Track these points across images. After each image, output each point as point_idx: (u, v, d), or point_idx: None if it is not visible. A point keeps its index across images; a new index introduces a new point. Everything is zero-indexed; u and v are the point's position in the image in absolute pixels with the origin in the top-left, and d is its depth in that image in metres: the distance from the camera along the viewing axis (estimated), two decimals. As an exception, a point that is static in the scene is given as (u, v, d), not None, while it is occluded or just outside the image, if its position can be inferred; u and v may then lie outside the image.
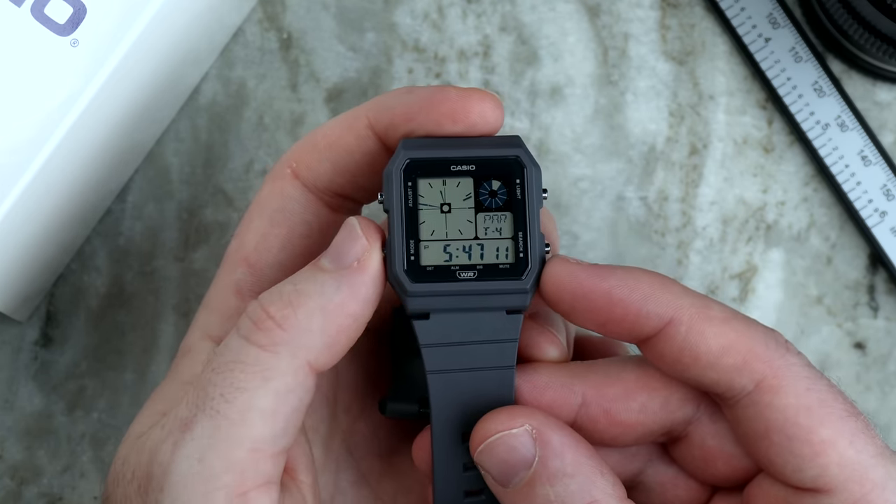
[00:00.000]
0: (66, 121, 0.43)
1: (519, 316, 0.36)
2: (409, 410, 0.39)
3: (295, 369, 0.34)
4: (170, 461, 0.33)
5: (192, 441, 0.33)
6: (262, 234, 0.38)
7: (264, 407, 0.33)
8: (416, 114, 0.36)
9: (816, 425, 0.34)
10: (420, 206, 0.35)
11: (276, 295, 0.34)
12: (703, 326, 0.34)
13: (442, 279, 0.35)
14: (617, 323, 0.35)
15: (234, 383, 0.33)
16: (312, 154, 0.37)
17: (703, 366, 0.35)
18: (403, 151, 0.35)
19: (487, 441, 0.35)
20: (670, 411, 0.36)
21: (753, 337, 0.35)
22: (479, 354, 0.35)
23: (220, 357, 0.34)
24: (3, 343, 0.49)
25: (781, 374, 0.34)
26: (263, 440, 0.33)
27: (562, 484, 0.34)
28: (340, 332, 0.34)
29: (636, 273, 0.35)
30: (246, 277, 0.38)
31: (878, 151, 0.48)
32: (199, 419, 0.33)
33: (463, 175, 0.35)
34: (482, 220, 0.35)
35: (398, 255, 0.35)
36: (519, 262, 0.35)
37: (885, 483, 0.34)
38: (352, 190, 0.38)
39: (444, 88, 0.36)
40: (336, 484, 0.40)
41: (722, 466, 0.37)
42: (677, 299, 0.35)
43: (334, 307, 0.34)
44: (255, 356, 0.34)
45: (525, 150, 0.36)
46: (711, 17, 0.50)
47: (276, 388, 0.33)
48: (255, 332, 0.34)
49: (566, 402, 0.36)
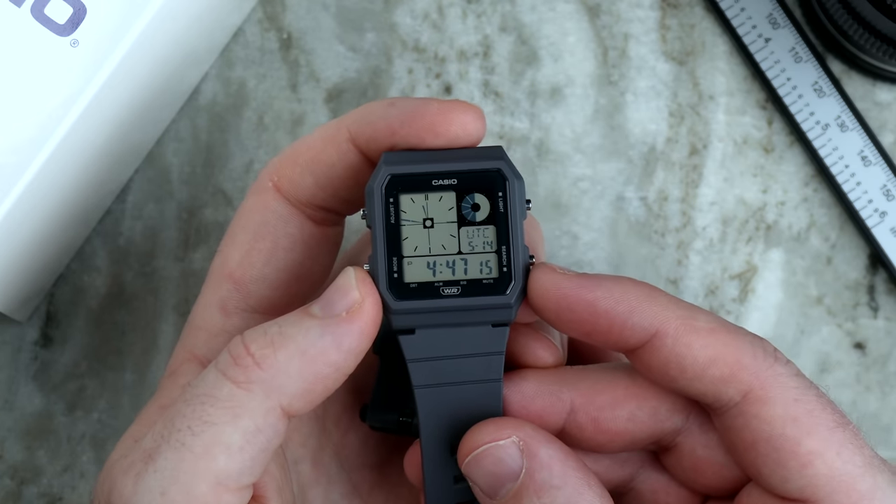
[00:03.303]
0: (66, 121, 0.43)
1: (505, 329, 0.35)
2: (389, 419, 0.39)
3: (266, 410, 0.33)
4: (132, 493, 0.33)
5: (154, 473, 0.33)
6: (246, 250, 0.37)
7: (231, 443, 0.33)
8: (397, 128, 0.35)
9: (804, 436, 0.34)
10: (402, 222, 0.35)
11: (259, 333, 0.34)
12: (689, 338, 0.34)
13: (426, 296, 0.35)
14: (603, 334, 0.35)
15: (202, 416, 0.33)
16: (294, 168, 0.37)
17: (690, 377, 0.34)
18: (385, 167, 0.35)
19: (475, 453, 0.34)
20: (659, 421, 0.36)
21: (740, 347, 0.34)
22: (465, 368, 0.35)
23: (194, 389, 0.34)
24: (3, 343, 0.49)
25: (769, 384, 0.34)
26: (227, 476, 0.33)
27: (549, 496, 0.34)
28: (318, 380, 0.34)
29: (623, 284, 0.35)
30: (231, 294, 0.37)
31: (878, 151, 0.48)
32: (164, 451, 0.33)
33: (445, 189, 0.35)
34: (465, 235, 0.35)
35: (381, 273, 0.35)
36: (503, 276, 0.35)
37: (873, 494, 0.34)
38: (335, 203, 0.37)
39: (426, 102, 0.35)
40: (327, 497, 0.39)
41: (712, 476, 0.37)
42: (663, 311, 0.34)
43: (315, 353, 0.33)
44: (229, 392, 0.33)
45: (507, 161, 0.35)
46: (711, 17, 0.50)
47: (245, 426, 0.33)
48: (233, 367, 0.33)
49: (554, 411, 0.36)
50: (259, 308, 0.37)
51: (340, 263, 0.41)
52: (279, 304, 0.38)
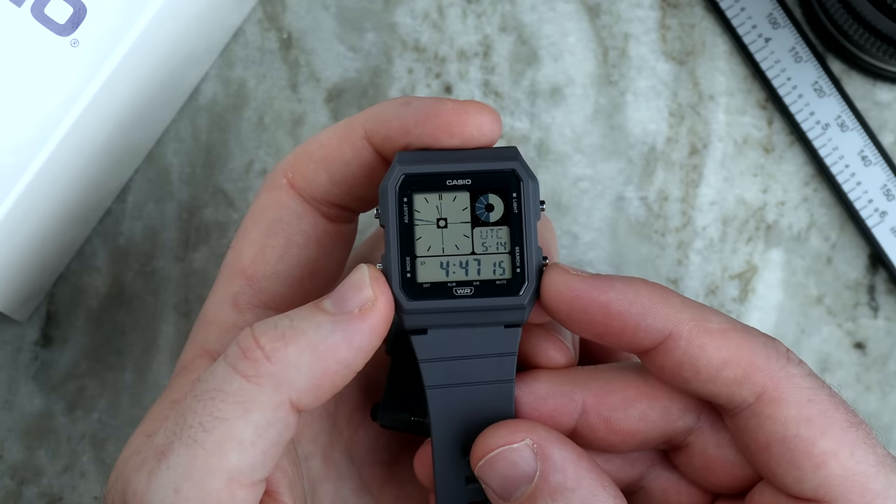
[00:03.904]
0: (66, 121, 0.43)
1: (517, 329, 0.35)
2: (400, 418, 0.39)
3: (276, 404, 0.33)
4: (145, 491, 0.33)
5: (167, 470, 0.33)
6: (260, 246, 0.37)
7: (242, 438, 0.33)
8: (412, 127, 0.35)
9: (817, 437, 0.34)
10: (416, 221, 0.35)
11: (269, 326, 0.34)
12: (702, 340, 0.34)
13: (439, 296, 0.35)
14: (616, 336, 0.35)
15: (213, 412, 0.33)
16: (308, 165, 0.37)
17: (704, 379, 0.34)
18: (399, 166, 0.35)
19: (488, 456, 0.34)
20: (671, 420, 0.36)
21: (754, 349, 0.34)
22: (477, 369, 0.35)
23: (204, 384, 0.34)
24: (3, 343, 0.49)
25: (782, 385, 0.34)
26: (240, 471, 0.33)
27: (563, 498, 0.34)
28: (327, 376, 0.34)
29: (635, 285, 0.35)
30: (244, 290, 0.37)
31: (878, 151, 0.48)
32: (176, 448, 0.33)
33: (459, 189, 0.35)
34: (479, 235, 0.35)
35: (394, 273, 0.35)
36: (516, 278, 0.35)
37: (887, 493, 0.34)
38: (349, 200, 0.37)
39: (441, 101, 0.35)
40: (337, 493, 0.39)
41: (723, 475, 0.37)
42: (677, 313, 0.34)
43: (326, 349, 0.33)
44: (238, 386, 0.33)
45: (521, 161, 0.35)
46: (711, 17, 0.50)
47: (256, 420, 0.33)
48: (242, 360, 0.33)
49: (566, 412, 0.36)
50: (271, 304, 0.37)
51: (350, 261, 0.41)
52: (291, 301, 0.38)
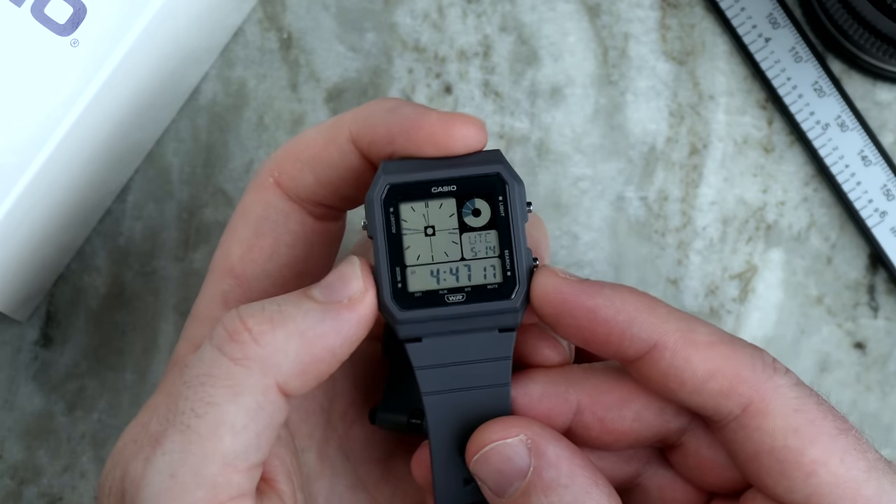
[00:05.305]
0: (66, 121, 0.43)
1: (511, 333, 0.35)
2: (398, 421, 0.39)
3: (265, 387, 0.33)
4: (141, 477, 0.33)
5: (163, 456, 0.33)
6: (248, 245, 0.37)
7: (235, 422, 0.33)
8: (396, 136, 0.35)
9: (806, 446, 0.34)
10: (404, 231, 0.35)
11: (257, 309, 0.34)
12: (688, 352, 0.34)
13: (431, 304, 0.35)
14: (601, 343, 0.35)
15: (204, 398, 0.33)
16: (295, 165, 0.37)
17: (689, 391, 0.34)
18: (384, 176, 0.35)
19: (483, 451, 0.35)
20: (665, 420, 0.36)
21: (739, 360, 0.34)
22: (473, 374, 0.35)
23: (192, 369, 0.34)
24: (3, 343, 0.49)
25: (769, 396, 0.34)
26: (235, 455, 0.33)
27: (556, 494, 0.34)
28: (314, 363, 0.34)
29: (623, 293, 0.35)
30: (233, 289, 0.37)
31: (878, 151, 0.48)
32: (170, 434, 0.33)
33: (445, 196, 0.35)
34: (468, 241, 0.35)
35: (385, 283, 0.35)
36: (507, 281, 0.35)
37: (879, 498, 0.34)
38: (335, 200, 0.37)
39: (426, 112, 0.35)
40: (332, 489, 0.39)
41: (716, 475, 0.37)
42: (663, 323, 0.34)
43: (314, 336, 0.33)
44: (227, 369, 0.33)
45: (506, 165, 0.35)
46: (711, 17, 0.50)
47: (247, 404, 0.33)
48: (229, 343, 0.33)
49: (561, 412, 0.36)
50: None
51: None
52: None
